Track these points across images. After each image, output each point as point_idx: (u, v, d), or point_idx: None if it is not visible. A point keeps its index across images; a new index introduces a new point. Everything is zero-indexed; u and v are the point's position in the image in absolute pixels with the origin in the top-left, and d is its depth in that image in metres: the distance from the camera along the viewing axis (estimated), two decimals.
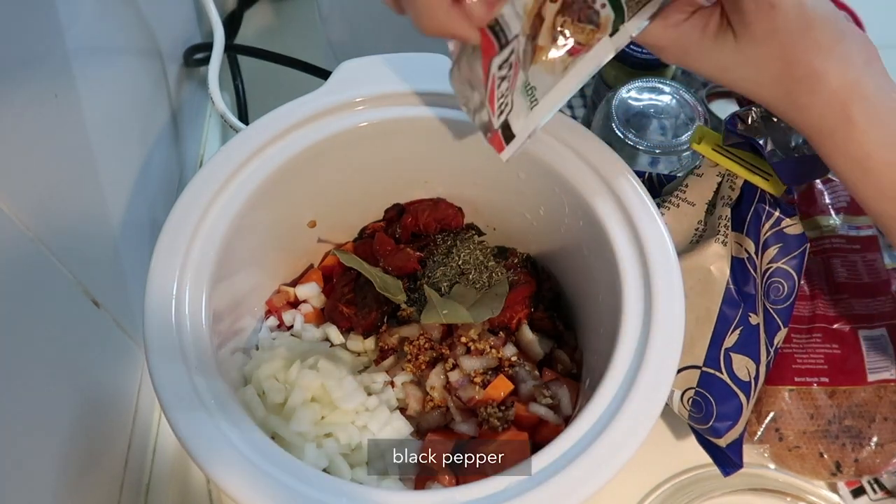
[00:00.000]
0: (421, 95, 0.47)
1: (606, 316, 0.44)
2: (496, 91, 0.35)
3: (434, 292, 0.50)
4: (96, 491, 0.45)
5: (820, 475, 0.51)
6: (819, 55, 0.36)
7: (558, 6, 0.36)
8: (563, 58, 0.39)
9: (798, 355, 0.51)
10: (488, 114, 0.36)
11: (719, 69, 0.39)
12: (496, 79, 0.34)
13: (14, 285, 0.36)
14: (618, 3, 0.38)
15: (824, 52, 0.36)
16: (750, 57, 0.37)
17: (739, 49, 0.38)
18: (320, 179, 0.49)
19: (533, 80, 0.38)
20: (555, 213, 0.48)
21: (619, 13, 0.38)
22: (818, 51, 0.36)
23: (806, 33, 0.36)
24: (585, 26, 0.38)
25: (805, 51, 0.36)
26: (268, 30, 0.83)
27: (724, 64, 0.39)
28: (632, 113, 0.58)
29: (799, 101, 0.38)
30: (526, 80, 0.38)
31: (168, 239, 0.42)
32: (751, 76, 0.38)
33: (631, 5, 0.39)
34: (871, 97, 0.36)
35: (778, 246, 0.48)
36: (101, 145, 0.47)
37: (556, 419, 0.46)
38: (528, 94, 0.39)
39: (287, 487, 0.35)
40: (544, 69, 0.38)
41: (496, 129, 0.38)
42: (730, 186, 0.48)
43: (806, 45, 0.36)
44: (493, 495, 0.35)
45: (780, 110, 0.39)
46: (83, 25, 0.45)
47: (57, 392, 0.40)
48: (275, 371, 0.47)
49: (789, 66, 0.37)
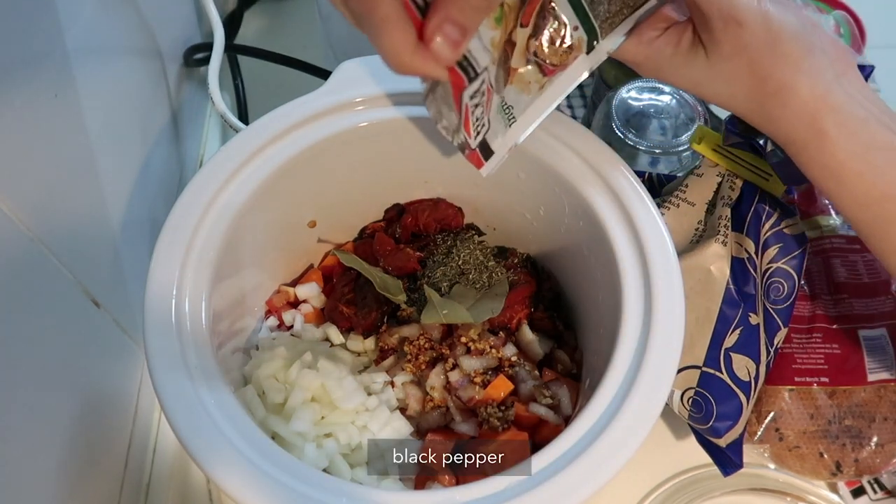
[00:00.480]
0: (421, 96, 0.47)
1: (606, 316, 0.44)
2: (471, 118, 0.35)
3: (434, 292, 0.50)
4: (96, 491, 0.45)
5: (820, 475, 0.51)
6: (788, 69, 0.37)
7: (530, 30, 0.37)
8: (538, 78, 0.39)
9: (798, 355, 0.51)
10: (464, 136, 0.37)
11: (693, 84, 0.40)
12: (469, 107, 0.34)
13: (14, 285, 0.36)
14: (590, 26, 0.38)
15: (792, 66, 0.37)
16: (721, 72, 0.38)
17: (710, 65, 0.38)
18: (320, 179, 0.49)
19: (509, 99, 0.39)
20: (555, 213, 0.48)
21: (591, 34, 0.39)
22: (787, 65, 0.37)
23: (774, 48, 0.36)
24: (559, 48, 0.38)
25: (774, 66, 0.37)
26: (268, 30, 0.83)
27: (696, 79, 0.39)
28: (632, 113, 0.58)
29: (771, 114, 0.38)
30: (502, 101, 0.38)
31: (168, 239, 0.42)
32: (723, 91, 0.39)
33: (604, 27, 0.39)
34: (841, 108, 0.37)
35: (778, 246, 0.48)
36: (101, 145, 0.47)
37: (556, 419, 0.46)
38: (505, 112, 0.39)
39: (287, 487, 0.35)
40: (520, 89, 0.39)
41: (474, 149, 0.38)
42: (730, 186, 0.48)
43: (774, 60, 0.37)
44: (493, 495, 0.35)
45: (755, 122, 0.40)
46: (83, 25, 0.45)
47: (57, 392, 0.40)
48: (275, 371, 0.47)
49: (760, 82, 0.37)
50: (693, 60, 0.39)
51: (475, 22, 0.29)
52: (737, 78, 0.38)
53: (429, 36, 0.28)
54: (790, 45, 0.36)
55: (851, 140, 0.37)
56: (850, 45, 0.65)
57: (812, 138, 0.37)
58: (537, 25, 0.37)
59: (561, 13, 0.37)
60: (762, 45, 0.36)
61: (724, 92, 0.39)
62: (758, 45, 0.36)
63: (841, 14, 0.67)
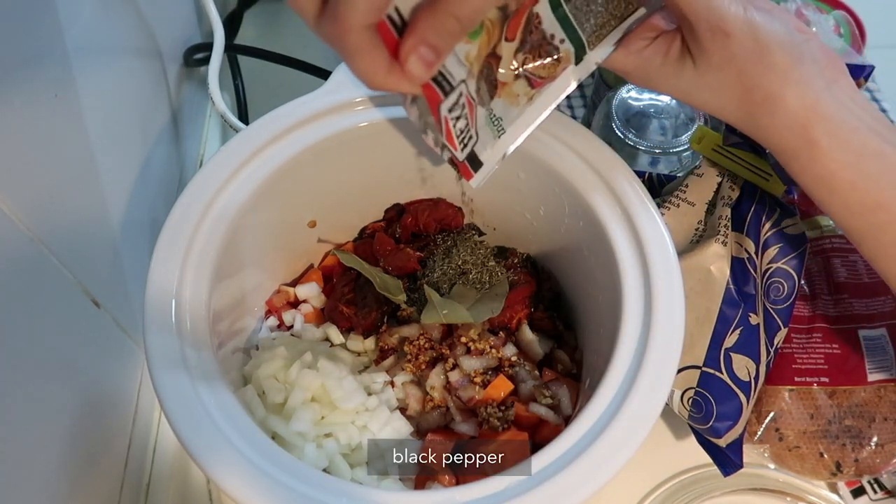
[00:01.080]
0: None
1: (606, 316, 0.44)
2: (452, 130, 0.35)
3: (434, 292, 0.50)
4: (96, 491, 0.45)
5: (820, 475, 0.51)
6: (776, 79, 0.36)
7: (516, 44, 0.37)
8: (526, 91, 0.39)
9: (798, 355, 0.51)
10: (450, 150, 0.37)
11: (682, 93, 0.40)
12: (449, 120, 0.35)
13: (14, 285, 0.36)
14: (578, 38, 0.38)
15: (781, 76, 0.36)
16: (709, 82, 0.38)
17: (699, 75, 0.38)
18: (320, 179, 0.49)
19: (497, 112, 0.39)
20: (555, 213, 0.48)
21: (579, 47, 0.39)
22: (775, 75, 0.36)
23: (762, 58, 0.36)
24: (546, 61, 0.38)
25: (762, 75, 0.37)
26: (268, 30, 0.83)
27: (685, 89, 0.39)
28: (632, 113, 0.58)
29: (761, 123, 0.38)
30: (490, 113, 0.38)
31: (168, 238, 0.42)
32: (712, 100, 0.39)
33: (592, 39, 0.39)
34: (832, 117, 0.37)
35: (778, 246, 0.48)
36: (101, 145, 0.47)
37: (556, 419, 0.46)
38: (494, 124, 0.39)
39: (287, 487, 0.35)
40: (508, 102, 0.39)
41: (462, 161, 0.38)
42: (730, 186, 0.48)
43: (763, 70, 0.36)
44: (493, 495, 0.35)
45: (745, 131, 0.40)
46: (83, 25, 0.45)
47: (57, 392, 0.40)
48: (275, 371, 0.47)
49: (748, 92, 0.37)
50: (682, 70, 0.39)
51: (450, 45, 0.29)
52: (725, 88, 0.38)
53: (403, 57, 0.28)
54: (778, 55, 0.36)
55: (843, 149, 0.37)
56: (850, 45, 0.64)
57: (802, 147, 0.37)
58: (523, 40, 0.37)
59: (547, 27, 0.37)
60: (750, 55, 0.36)
61: (712, 101, 0.39)
62: (745, 55, 0.36)
63: (841, 14, 0.67)
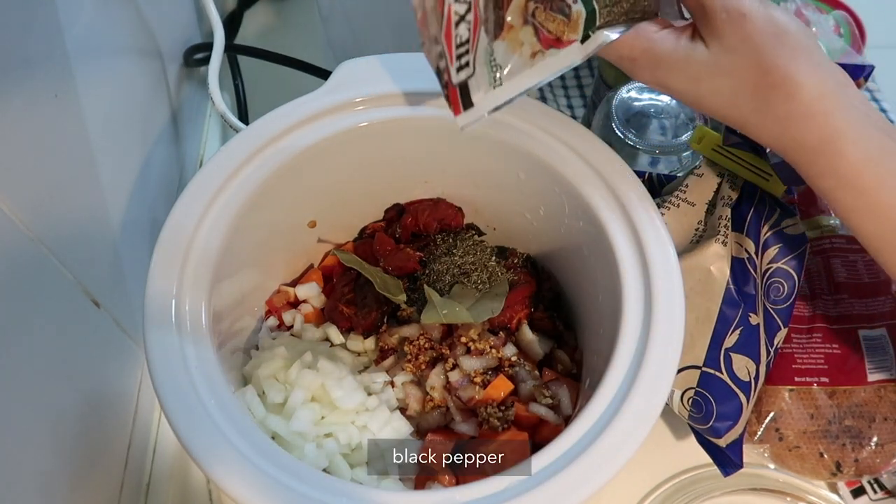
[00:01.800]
0: (421, 95, 0.47)
1: (606, 316, 0.44)
2: (453, 32, 0.35)
3: (434, 292, 0.50)
4: (96, 491, 0.45)
5: (820, 475, 0.51)
6: (794, 60, 0.35)
7: None
8: (531, 42, 0.38)
9: (798, 355, 0.51)
10: (446, 60, 0.36)
11: (692, 80, 0.38)
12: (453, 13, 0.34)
13: (14, 285, 0.36)
14: (590, 3, 0.38)
15: (798, 57, 0.35)
16: (723, 66, 0.37)
17: (713, 59, 0.37)
18: (320, 179, 0.49)
19: (498, 56, 0.38)
20: (555, 213, 0.48)
21: (590, 15, 0.38)
22: (793, 55, 0.35)
23: (779, 38, 0.35)
24: (556, 16, 0.38)
25: (779, 55, 0.35)
26: (268, 30, 0.83)
27: (696, 75, 0.37)
28: (632, 113, 0.58)
29: (777, 111, 0.36)
30: (491, 53, 0.37)
31: (168, 238, 0.42)
32: (725, 87, 0.37)
33: (603, 14, 0.38)
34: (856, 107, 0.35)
35: (778, 246, 0.48)
36: (101, 145, 0.47)
37: (556, 419, 0.46)
38: (492, 69, 0.38)
39: (287, 487, 0.34)
40: (511, 48, 0.38)
41: (454, 85, 0.37)
42: (730, 186, 0.48)
43: (780, 50, 0.35)
44: (493, 495, 0.35)
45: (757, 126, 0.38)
46: (83, 25, 0.45)
47: (57, 392, 0.40)
48: (275, 371, 0.47)
49: (764, 73, 0.36)
50: (693, 54, 0.37)
51: None
52: (740, 71, 0.36)
53: None
54: (796, 38, 0.35)
55: (868, 144, 0.35)
56: (850, 45, 0.65)
57: (825, 140, 0.35)
58: None
59: None
60: (767, 34, 0.35)
61: (724, 89, 0.37)
62: (762, 34, 0.35)
63: (841, 14, 0.67)
